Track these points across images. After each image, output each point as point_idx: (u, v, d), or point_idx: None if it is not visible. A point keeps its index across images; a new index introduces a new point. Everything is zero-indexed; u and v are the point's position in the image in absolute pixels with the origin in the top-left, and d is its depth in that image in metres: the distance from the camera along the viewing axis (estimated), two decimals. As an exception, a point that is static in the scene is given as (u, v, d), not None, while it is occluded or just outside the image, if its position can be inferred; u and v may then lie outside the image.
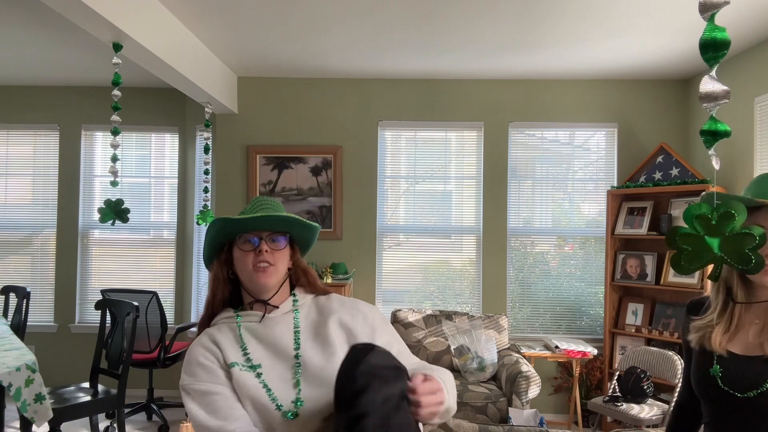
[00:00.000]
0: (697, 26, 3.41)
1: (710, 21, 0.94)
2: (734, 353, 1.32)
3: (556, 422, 4.39)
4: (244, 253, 1.34)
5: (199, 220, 4.07)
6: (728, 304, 1.37)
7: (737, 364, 1.31)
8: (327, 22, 3.42)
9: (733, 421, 1.30)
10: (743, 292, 1.36)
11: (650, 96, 4.54)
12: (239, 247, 1.35)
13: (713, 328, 1.36)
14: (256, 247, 1.34)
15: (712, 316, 1.39)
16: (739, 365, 1.30)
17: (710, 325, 1.37)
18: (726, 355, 1.33)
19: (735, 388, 1.29)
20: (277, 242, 1.37)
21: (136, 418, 4.31)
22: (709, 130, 0.92)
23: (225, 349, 1.28)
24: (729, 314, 1.36)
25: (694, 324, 1.41)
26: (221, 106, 4.36)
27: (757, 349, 1.30)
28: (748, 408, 1.27)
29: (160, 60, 3.20)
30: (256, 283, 1.33)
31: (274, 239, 1.37)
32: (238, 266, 1.36)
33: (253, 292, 1.35)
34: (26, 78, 4.76)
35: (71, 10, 2.49)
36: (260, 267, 1.32)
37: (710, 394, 1.34)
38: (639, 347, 3.69)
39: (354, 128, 4.62)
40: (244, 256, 1.34)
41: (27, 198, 5.03)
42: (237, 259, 1.36)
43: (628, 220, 4.28)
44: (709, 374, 1.34)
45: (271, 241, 1.36)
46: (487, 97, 4.59)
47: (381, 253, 4.65)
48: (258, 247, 1.33)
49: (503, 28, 3.46)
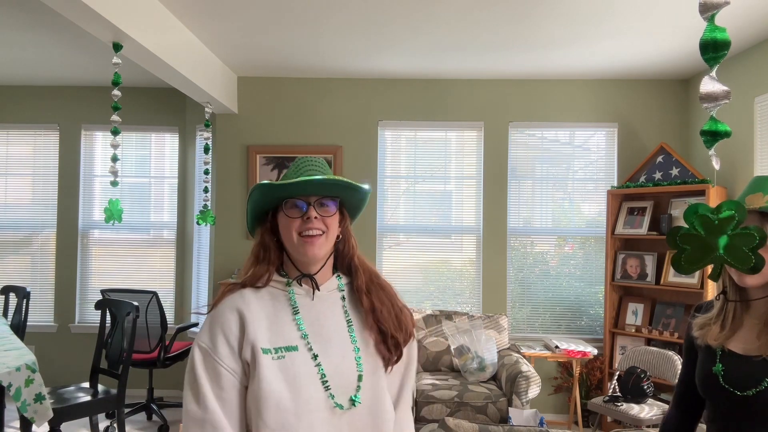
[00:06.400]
0: (697, 26, 3.41)
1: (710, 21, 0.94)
2: (736, 353, 1.36)
3: (556, 422, 4.39)
4: (291, 220, 1.19)
5: (199, 220, 4.07)
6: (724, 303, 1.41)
7: (738, 364, 1.34)
8: (327, 22, 3.42)
9: (734, 419, 1.34)
10: (735, 291, 1.39)
11: (650, 96, 4.54)
12: (285, 213, 1.20)
13: (711, 326, 1.41)
14: (304, 213, 1.19)
15: (712, 314, 1.43)
16: (740, 364, 1.34)
17: (709, 323, 1.41)
18: (727, 353, 1.36)
19: (735, 386, 1.33)
20: (326, 207, 1.21)
21: (136, 418, 4.31)
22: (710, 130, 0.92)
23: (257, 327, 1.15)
24: (724, 312, 1.40)
25: (696, 321, 1.46)
26: (221, 106, 4.37)
27: (756, 351, 1.33)
28: (747, 406, 1.31)
29: (160, 60, 3.20)
30: (304, 254, 1.18)
31: (323, 204, 1.21)
32: (283, 235, 1.21)
33: (300, 264, 1.22)
34: (26, 78, 4.76)
35: (71, 10, 2.49)
36: (309, 236, 1.18)
37: (712, 392, 1.38)
38: (639, 347, 3.69)
39: (354, 128, 4.62)
40: (291, 223, 1.19)
41: (27, 198, 5.03)
42: (283, 226, 1.21)
43: (628, 220, 4.27)
44: (711, 372, 1.37)
45: (320, 206, 1.21)
46: (487, 97, 4.59)
47: (381, 253, 4.65)
48: (306, 213, 1.19)
49: (503, 28, 3.46)
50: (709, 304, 1.50)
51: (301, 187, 1.18)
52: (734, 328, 1.37)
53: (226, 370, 1.11)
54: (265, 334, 1.14)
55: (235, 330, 1.14)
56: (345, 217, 1.29)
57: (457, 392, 3.60)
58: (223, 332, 1.13)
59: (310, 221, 1.18)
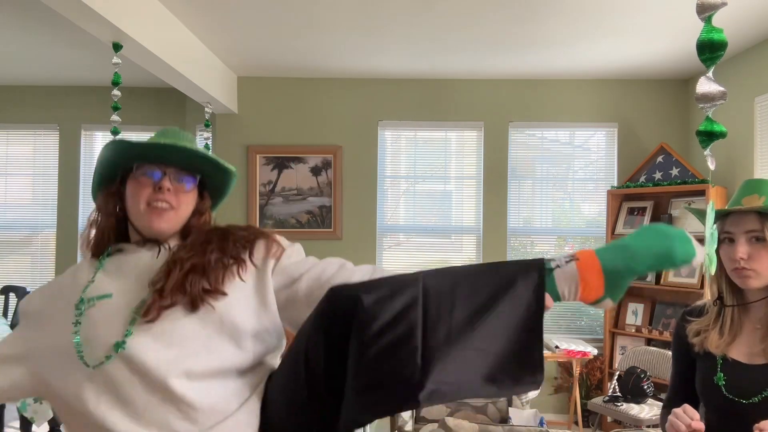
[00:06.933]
0: (697, 26, 3.39)
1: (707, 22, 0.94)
2: (738, 361, 1.33)
3: (556, 422, 4.39)
4: (141, 187, 1.10)
5: (199, 220, 4.06)
6: (721, 308, 1.39)
7: (741, 372, 1.32)
8: (327, 22, 3.42)
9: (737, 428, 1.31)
10: (732, 296, 1.38)
11: (650, 96, 4.53)
12: (135, 178, 1.11)
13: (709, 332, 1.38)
14: (157, 182, 1.10)
15: (708, 320, 1.41)
16: (743, 373, 1.31)
17: (705, 330, 1.39)
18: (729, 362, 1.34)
19: (740, 395, 1.30)
20: (182, 183, 1.13)
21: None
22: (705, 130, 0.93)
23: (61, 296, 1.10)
24: (722, 318, 1.38)
25: (691, 327, 1.43)
26: (221, 106, 4.37)
27: (760, 357, 1.31)
28: (752, 414, 1.27)
29: (160, 60, 3.20)
30: (147, 226, 1.11)
31: (180, 178, 1.13)
32: (129, 201, 1.12)
33: (143, 233, 1.13)
34: (26, 78, 4.76)
35: (71, 10, 2.50)
36: (156, 207, 1.09)
37: (715, 402, 1.35)
38: (639, 347, 3.69)
39: (354, 128, 4.62)
40: (140, 189, 1.10)
41: (27, 198, 5.03)
42: (130, 193, 1.12)
43: (628, 219, 4.27)
44: (713, 382, 1.35)
45: (177, 181, 1.12)
46: (487, 97, 4.59)
47: (381, 253, 4.65)
48: (159, 182, 1.10)
49: (503, 27, 3.46)
50: (701, 308, 1.48)
51: (161, 152, 1.10)
52: (733, 333, 1.35)
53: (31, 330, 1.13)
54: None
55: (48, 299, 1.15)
56: (205, 198, 1.21)
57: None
58: (40, 300, 1.15)
59: (161, 192, 1.09)
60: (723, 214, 1.35)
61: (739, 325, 1.36)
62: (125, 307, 1.05)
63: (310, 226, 4.57)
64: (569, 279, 0.95)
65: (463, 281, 0.91)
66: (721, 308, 1.39)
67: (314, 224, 4.57)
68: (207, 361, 1.02)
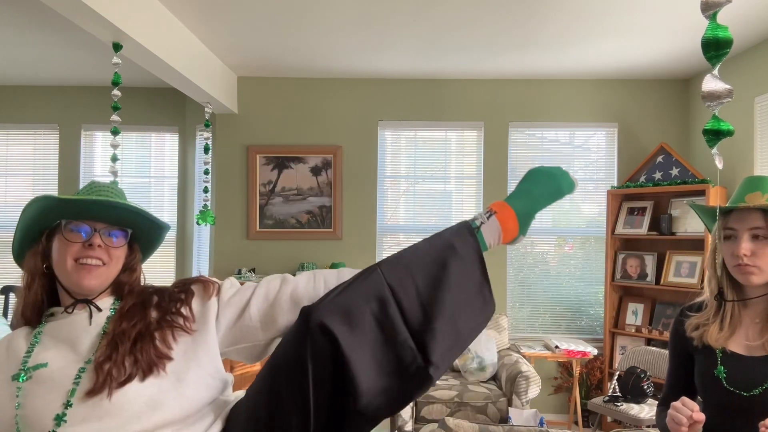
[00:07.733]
0: (697, 25, 3.41)
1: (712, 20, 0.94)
2: (737, 354, 1.34)
3: (556, 422, 4.39)
4: (68, 244, 1.07)
5: (198, 220, 4.06)
6: (722, 304, 1.41)
7: (741, 365, 1.33)
8: (327, 22, 3.42)
9: (737, 421, 1.32)
10: (732, 291, 1.39)
11: (650, 96, 4.54)
12: (63, 236, 1.08)
13: (709, 326, 1.40)
14: (87, 239, 1.07)
15: (708, 314, 1.42)
16: (743, 366, 1.33)
17: (705, 324, 1.40)
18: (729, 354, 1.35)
19: (740, 388, 1.31)
20: (113, 237, 1.11)
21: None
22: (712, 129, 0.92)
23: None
24: (722, 313, 1.40)
25: (690, 322, 1.44)
26: (221, 106, 4.36)
27: (759, 350, 1.32)
28: (753, 407, 1.29)
29: (160, 60, 3.19)
30: (76, 283, 1.07)
31: (110, 233, 1.11)
32: (56, 259, 1.09)
33: (72, 291, 1.11)
34: (26, 78, 4.75)
35: (71, 10, 2.49)
36: (85, 264, 1.07)
37: (715, 395, 1.36)
38: (639, 347, 3.68)
39: (354, 128, 4.62)
40: (68, 246, 1.07)
41: (27, 198, 5.01)
42: (57, 250, 1.09)
43: (628, 219, 4.27)
44: (713, 375, 1.35)
45: (106, 235, 1.10)
46: (487, 97, 4.59)
47: (381, 253, 4.64)
48: (89, 239, 1.07)
49: (503, 27, 3.46)
50: (700, 304, 1.49)
51: (92, 207, 1.07)
52: (733, 327, 1.37)
53: None
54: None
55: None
56: (135, 251, 1.19)
57: (457, 392, 3.60)
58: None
59: (92, 248, 1.07)
60: (726, 210, 1.35)
61: (739, 320, 1.37)
62: (63, 377, 1.02)
63: (310, 226, 4.57)
64: (494, 230, 1.13)
65: (413, 261, 1.04)
66: (722, 303, 1.39)
67: (314, 224, 4.57)
68: (150, 420, 1.01)
